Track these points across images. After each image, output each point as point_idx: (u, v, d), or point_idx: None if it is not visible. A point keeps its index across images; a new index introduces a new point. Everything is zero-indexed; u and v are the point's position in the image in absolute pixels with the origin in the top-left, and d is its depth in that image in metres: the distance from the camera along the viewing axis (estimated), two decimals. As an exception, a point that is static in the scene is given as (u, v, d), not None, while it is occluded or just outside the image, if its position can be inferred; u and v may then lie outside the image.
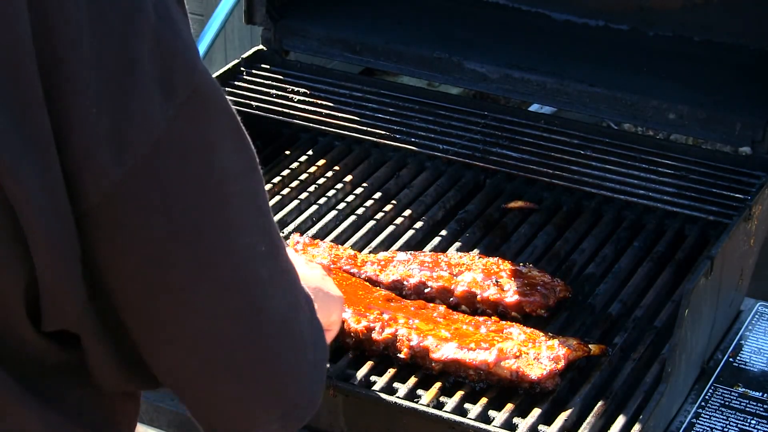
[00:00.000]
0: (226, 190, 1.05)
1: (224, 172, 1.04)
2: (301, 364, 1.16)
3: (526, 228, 2.05)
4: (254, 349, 1.11)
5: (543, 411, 1.64)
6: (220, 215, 1.05)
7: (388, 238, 2.03)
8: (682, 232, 2.02)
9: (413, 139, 2.16)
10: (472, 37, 2.34)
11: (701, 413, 1.76)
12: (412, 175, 2.20)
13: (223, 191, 1.05)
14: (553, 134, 2.16)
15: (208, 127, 1.03)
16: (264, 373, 1.13)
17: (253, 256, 1.08)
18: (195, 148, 1.02)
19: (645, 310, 1.83)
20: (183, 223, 1.02)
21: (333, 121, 2.21)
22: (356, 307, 1.75)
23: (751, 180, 2.00)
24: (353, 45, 2.36)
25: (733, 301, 1.95)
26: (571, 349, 1.69)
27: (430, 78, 2.34)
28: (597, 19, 2.28)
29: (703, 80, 2.18)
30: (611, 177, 2.04)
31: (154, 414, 1.82)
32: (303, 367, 1.16)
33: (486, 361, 1.66)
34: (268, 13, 2.36)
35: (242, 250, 1.07)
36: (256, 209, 1.09)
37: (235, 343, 1.10)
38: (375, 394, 1.66)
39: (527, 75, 2.23)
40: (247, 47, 2.48)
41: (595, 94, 2.18)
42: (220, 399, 1.14)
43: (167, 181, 1.01)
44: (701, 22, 2.20)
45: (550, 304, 1.82)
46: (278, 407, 1.16)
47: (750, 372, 1.85)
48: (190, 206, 1.03)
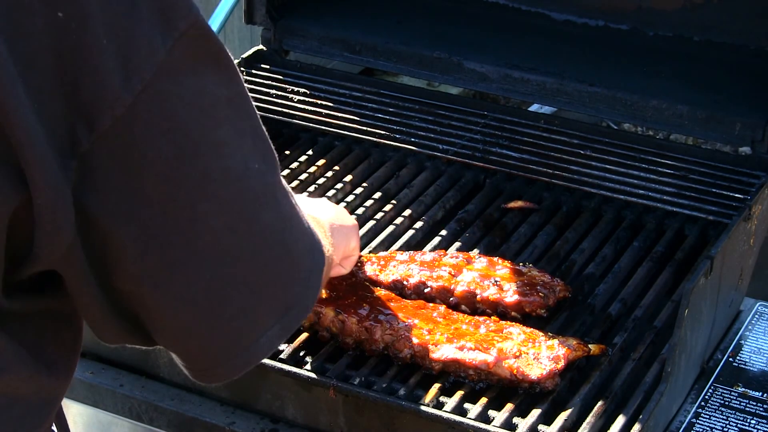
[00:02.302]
0: (219, 113, 1.13)
1: (216, 96, 1.13)
2: (298, 270, 1.25)
3: (526, 228, 2.05)
4: (254, 259, 1.19)
5: (543, 411, 1.64)
6: (216, 135, 1.13)
7: (388, 238, 2.03)
8: (682, 232, 2.02)
9: (413, 139, 2.16)
10: (472, 37, 2.34)
11: (701, 413, 1.77)
12: (412, 175, 2.20)
13: (216, 114, 1.13)
14: (553, 134, 2.16)
15: (205, 56, 1.12)
16: (265, 281, 1.22)
17: (246, 173, 1.16)
18: (192, 74, 1.10)
19: (645, 310, 1.83)
20: (184, 144, 1.10)
21: (333, 121, 2.21)
22: (356, 307, 1.76)
23: (751, 180, 2.00)
24: (353, 45, 2.36)
25: (733, 301, 1.95)
26: (570, 349, 1.69)
27: (430, 78, 2.34)
28: (597, 19, 2.28)
29: (703, 80, 2.18)
30: (611, 177, 2.04)
31: (154, 414, 1.82)
32: (300, 273, 1.26)
33: (486, 361, 1.66)
34: (268, 13, 2.36)
35: (236, 167, 1.15)
36: (250, 130, 1.18)
37: (237, 256, 1.17)
38: (375, 394, 1.66)
39: (527, 75, 2.23)
40: (247, 47, 2.48)
41: (595, 94, 2.18)
42: (227, 315, 1.20)
43: (169, 103, 1.09)
44: (701, 22, 2.20)
45: (549, 304, 1.82)
46: (278, 311, 1.24)
47: (750, 372, 1.85)
48: (189, 127, 1.11)
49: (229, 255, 1.17)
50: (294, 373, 1.70)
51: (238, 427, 1.76)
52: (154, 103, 1.07)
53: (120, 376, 1.87)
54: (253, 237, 1.18)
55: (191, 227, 1.14)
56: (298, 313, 1.27)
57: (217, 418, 1.78)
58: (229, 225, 1.16)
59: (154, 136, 1.08)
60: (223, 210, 1.15)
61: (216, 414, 1.79)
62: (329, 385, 1.68)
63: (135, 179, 1.09)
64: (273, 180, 1.21)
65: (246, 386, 1.77)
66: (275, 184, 1.22)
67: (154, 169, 1.09)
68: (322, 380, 1.68)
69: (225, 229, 1.16)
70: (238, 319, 1.21)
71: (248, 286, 1.20)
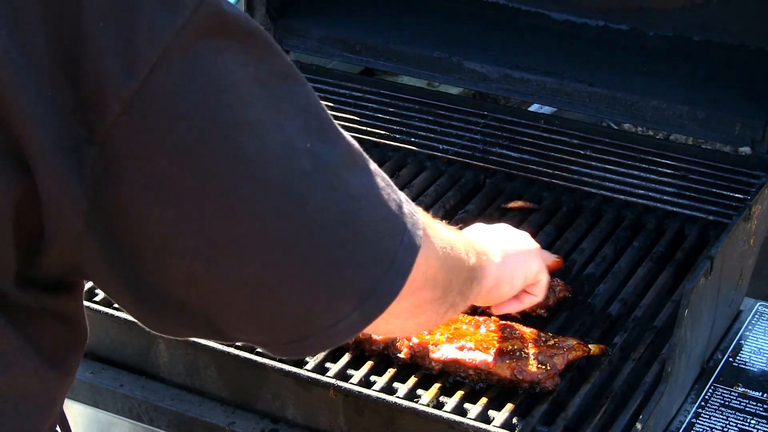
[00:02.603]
0: (245, 92, 1.07)
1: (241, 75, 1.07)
2: (373, 254, 1.14)
3: (526, 228, 2.05)
4: (310, 242, 1.11)
5: (543, 411, 1.64)
6: (244, 114, 1.07)
7: (388, 238, 2.02)
8: (682, 232, 2.02)
9: (413, 139, 2.16)
10: (472, 37, 2.34)
11: (701, 413, 1.76)
12: (412, 175, 2.20)
13: (242, 93, 1.07)
14: (553, 134, 2.16)
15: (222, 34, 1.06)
16: (325, 265, 1.12)
17: (293, 153, 1.09)
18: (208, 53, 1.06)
19: (645, 310, 1.83)
20: (206, 126, 1.06)
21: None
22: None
23: (750, 180, 2.00)
24: (353, 45, 2.36)
25: (733, 300, 1.95)
26: (570, 349, 1.69)
27: (430, 78, 2.34)
28: (597, 19, 2.28)
29: (703, 80, 2.18)
30: (611, 177, 2.04)
31: (154, 414, 1.82)
32: (378, 257, 1.14)
33: (486, 361, 1.66)
34: (268, 13, 2.36)
35: (277, 147, 1.09)
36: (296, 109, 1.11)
37: (287, 239, 1.10)
38: (375, 394, 1.66)
39: (527, 75, 2.23)
40: (247, 47, 2.47)
41: (595, 94, 2.18)
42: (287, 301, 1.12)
43: (182, 86, 1.05)
44: (701, 22, 2.20)
45: (550, 304, 1.82)
46: (353, 298, 1.14)
47: (750, 372, 1.85)
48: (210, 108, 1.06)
49: (278, 239, 1.10)
50: (294, 373, 1.70)
51: (238, 427, 1.76)
52: (166, 86, 1.04)
53: (120, 376, 1.87)
54: (305, 219, 1.10)
55: (232, 212, 1.08)
56: (379, 300, 1.15)
57: (217, 418, 1.78)
58: (276, 208, 1.09)
59: (171, 120, 1.05)
60: (267, 192, 1.08)
61: (216, 414, 1.79)
62: (329, 385, 1.68)
63: (160, 165, 1.05)
64: (334, 158, 1.13)
65: (246, 386, 1.77)
66: (337, 163, 1.13)
67: (178, 154, 1.05)
68: (322, 380, 1.68)
69: (271, 212, 1.09)
70: (302, 304, 1.13)
71: (305, 271, 1.12)
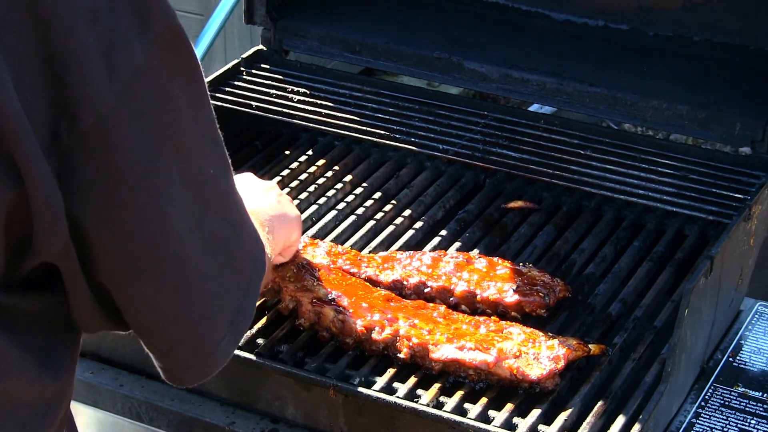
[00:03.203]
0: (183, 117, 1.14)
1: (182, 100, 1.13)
2: (242, 277, 1.26)
3: (526, 228, 2.05)
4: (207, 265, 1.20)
5: (543, 411, 1.64)
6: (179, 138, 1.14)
7: (388, 238, 2.03)
8: (682, 232, 2.02)
9: (413, 139, 2.16)
10: (472, 37, 2.34)
11: (701, 413, 1.77)
12: (412, 175, 2.20)
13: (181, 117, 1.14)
14: (553, 134, 2.16)
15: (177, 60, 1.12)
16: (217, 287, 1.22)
17: (203, 177, 1.17)
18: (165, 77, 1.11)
19: (645, 310, 1.83)
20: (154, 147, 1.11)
21: (333, 121, 2.21)
22: (356, 307, 1.75)
23: (750, 180, 2.00)
24: (353, 45, 2.36)
25: (733, 300, 1.95)
26: (570, 349, 1.69)
27: (430, 78, 2.34)
28: (597, 19, 2.28)
29: (704, 80, 2.18)
30: (611, 177, 2.04)
31: (154, 414, 1.82)
32: (244, 280, 1.26)
33: (486, 361, 1.66)
34: (268, 13, 2.36)
35: (195, 171, 1.16)
36: (209, 135, 1.19)
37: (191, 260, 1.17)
38: (375, 394, 1.66)
39: (527, 75, 2.23)
40: (247, 47, 2.48)
41: (595, 94, 2.18)
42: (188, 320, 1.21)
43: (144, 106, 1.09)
44: (701, 22, 2.20)
45: (550, 303, 1.82)
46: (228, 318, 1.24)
47: (750, 372, 1.85)
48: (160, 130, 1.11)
49: (187, 259, 1.17)
50: (294, 373, 1.70)
51: (238, 427, 1.76)
52: (132, 105, 1.08)
53: (120, 376, 1.87)
54: (206, 242, 1.18)
55: (159, 231, 1.14)
56: (243, 320, 1.27)
57: (217, 418, 1.78)
58: (188, 229, 1.16)
59: (129, 139, 1.08)
60: (183, 214, 1.15)
61: (216, 414, 1.79)
62: (329, 385, 1.68)
63: (109, 181, 1.09)
64: (226, 187, 1.22)
65: (246, 386, 1.77)
66: (228, 191, 1.22)
67: (126, 173, 1.09)
68: (322, 380, 1.68)
69: (185, 232, 1.16)
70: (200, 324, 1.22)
71: (205, 292, 1.20)
